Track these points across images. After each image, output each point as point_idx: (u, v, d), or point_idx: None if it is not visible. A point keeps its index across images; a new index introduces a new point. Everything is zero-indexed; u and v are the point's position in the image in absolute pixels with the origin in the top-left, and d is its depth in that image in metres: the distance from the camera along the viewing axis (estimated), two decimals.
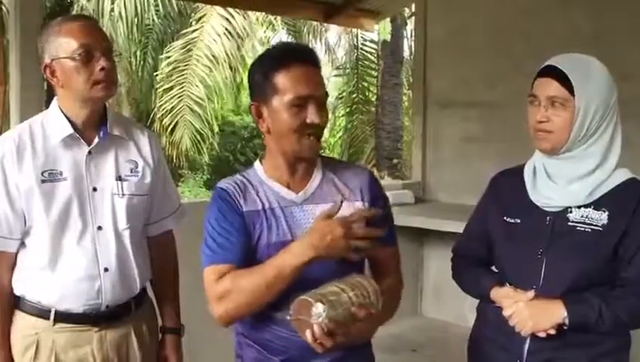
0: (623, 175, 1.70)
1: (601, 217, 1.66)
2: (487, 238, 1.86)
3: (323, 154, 1.78)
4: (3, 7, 8.94)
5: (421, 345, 4.47)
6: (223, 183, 1.69)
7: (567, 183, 1.71)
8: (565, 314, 1.61)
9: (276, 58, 1.62)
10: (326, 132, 1.81)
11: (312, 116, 1.58)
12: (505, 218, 1.79)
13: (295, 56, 1.61)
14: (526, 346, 1.71)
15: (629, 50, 3.97)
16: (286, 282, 1.52)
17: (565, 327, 1.63)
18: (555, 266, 1.68)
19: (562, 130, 1.67)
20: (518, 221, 1.77)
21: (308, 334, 1.44)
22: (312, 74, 1.60)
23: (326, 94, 1.64)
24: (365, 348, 1.75)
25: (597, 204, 1.67)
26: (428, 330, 4.72)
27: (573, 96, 1.64)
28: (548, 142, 1.70)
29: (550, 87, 1.67)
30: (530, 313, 1.64)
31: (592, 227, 1.66)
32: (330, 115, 1.77)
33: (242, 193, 1.65)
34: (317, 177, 1.70)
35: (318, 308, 1.42)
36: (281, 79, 1.57)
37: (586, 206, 1.68)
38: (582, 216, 1.68)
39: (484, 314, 1.87)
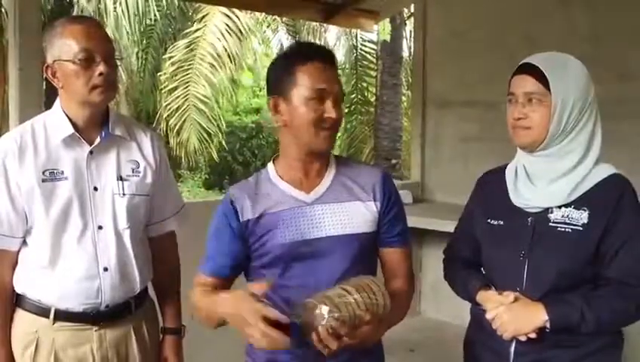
0: (605, 171, 1.69)
1: (582, 216, 1.65)
2: (474, 240, 1.86)
3: (337, 155, 1.81)
4: (2, 8, 8.92)
5: (419, 345, 4.47)
6: (232, 189, 1.75)
7: (548, 183, 1.70)
8: (546, 317, 1.61)
9: (299, 53, 1.67)
10: None
11: (329, 110, 1.62)
12: (489, 220, 1.80)
13: (316, 53, 1.66)
14: (512, 348, 1.71)
15: (629, 50, 3.97)
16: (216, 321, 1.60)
17: (547, 330, 1.62)
18: (538, 267, 1.68)
19: (540, 126, 1.66)
20: (502, 223, 1.77)
21: (313, 336, 1.45)
22: (331, 71, 1.65)
23: (342, 92, 1.67)
24: (375, 349, 1.76)
25: (577, 203, 1.66)
26: (426, 330, 4.72)
27: (550, 91, 1.64)
28: (527, 137, 1.69)
29: (526, 84, 1.68)
30: (511, 317, 1.65)
31: (573, 227, 1.65)
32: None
33: (251, 198, 1.69)
34: (329, 177, 1.72)
35: (322, 310, 1.43)
36: (302, 73, 1.62)
37: (566, 205, 1.67)
38: (562, 216, 1.67)
39: (474, 317, 1.88)
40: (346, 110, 12.53)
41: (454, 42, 4.90)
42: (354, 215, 1.68)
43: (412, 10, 8.21)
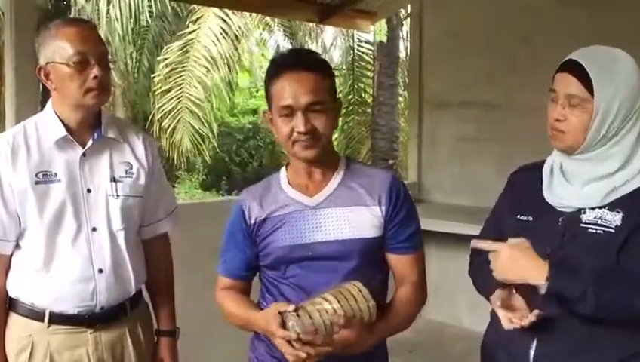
0: None
1: (615, 218, 1.55)
2: (501, 238, 1.74)
3: (350, 158, 1.80)
4: None
5: (417, 346, 4.46)
6: (243, 193, 1.80)
7: (584, 184, 1.62)
8: (545, 276, 1.48)
9: (272, 67, 1.67)
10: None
11: (298, 125, 1.61)
12: (518, 216, 1.70)
13: (287, 64, 1.64)
14: (532, 352, 1.61)
15: (628, 51, 3.96)
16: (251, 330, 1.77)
17: (542, 292, 1.49)
18: None
19: (577, 131, 1.57)
20: (530, 219, 1.68)
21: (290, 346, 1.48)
22: (304, 80, 1.61)
23: (322, 97, 1.62)
24: (378, 351, 1.74)
25: (612, 205, 1.57)
26: (424, 331, 4.70)
27: (593, 95, 1.54)
28: (562, 142, 1.61)
29: (569, 85, 1.57)
30: (508, 257, 1.52)
31: (605, 229, 1.55)
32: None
33: (258, 200, 1.73)
34: (335, 181, 1.72)
35: (292, 321, 1.46)
36: (273, 88, 1.64)
37: (600, 207, 1.58)
38: (595, 218, 1.57)
39: (493, 319, 1.78)
40: (343, 111, 12.52)
41: (451, 42, 4.90)
42: (358, 219, 1.67)
43: (409, 10, 8.21)
